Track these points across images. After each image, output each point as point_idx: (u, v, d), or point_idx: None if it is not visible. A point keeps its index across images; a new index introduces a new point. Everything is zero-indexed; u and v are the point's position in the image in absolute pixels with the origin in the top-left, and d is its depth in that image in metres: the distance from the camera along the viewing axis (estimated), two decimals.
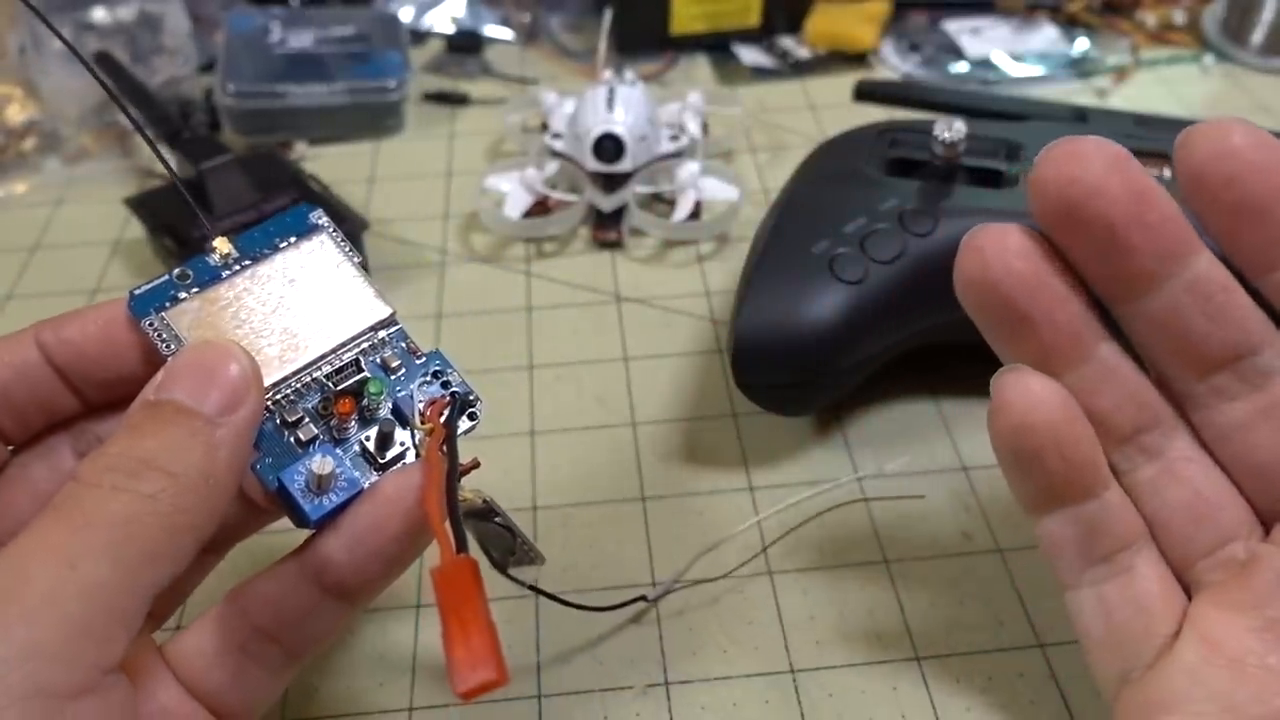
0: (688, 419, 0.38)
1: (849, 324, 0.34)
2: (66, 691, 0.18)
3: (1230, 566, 0.23)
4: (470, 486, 0.25)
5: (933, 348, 0.38)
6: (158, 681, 0.23)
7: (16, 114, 0.55)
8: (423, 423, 0.24)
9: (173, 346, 0.24)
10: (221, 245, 0.26)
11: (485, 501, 0.26)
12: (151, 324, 0.24)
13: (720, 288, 0.44)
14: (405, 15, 0.63)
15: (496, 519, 0.27)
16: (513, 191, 0.47)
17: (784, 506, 0.34)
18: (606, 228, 0.47)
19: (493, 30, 0.64)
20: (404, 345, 0.26)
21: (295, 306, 0.25)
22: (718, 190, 0.48)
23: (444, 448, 0.23)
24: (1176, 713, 0.22)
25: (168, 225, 0.44)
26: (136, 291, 0.25)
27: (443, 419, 0.24)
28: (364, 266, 0.26)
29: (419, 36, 0.63)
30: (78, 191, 0.52)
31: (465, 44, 0.62)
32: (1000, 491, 0.35)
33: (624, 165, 0.47)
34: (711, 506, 0.35)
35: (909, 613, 0.32)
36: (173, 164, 0.50)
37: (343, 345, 0.25)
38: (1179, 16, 0.63)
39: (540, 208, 0.48)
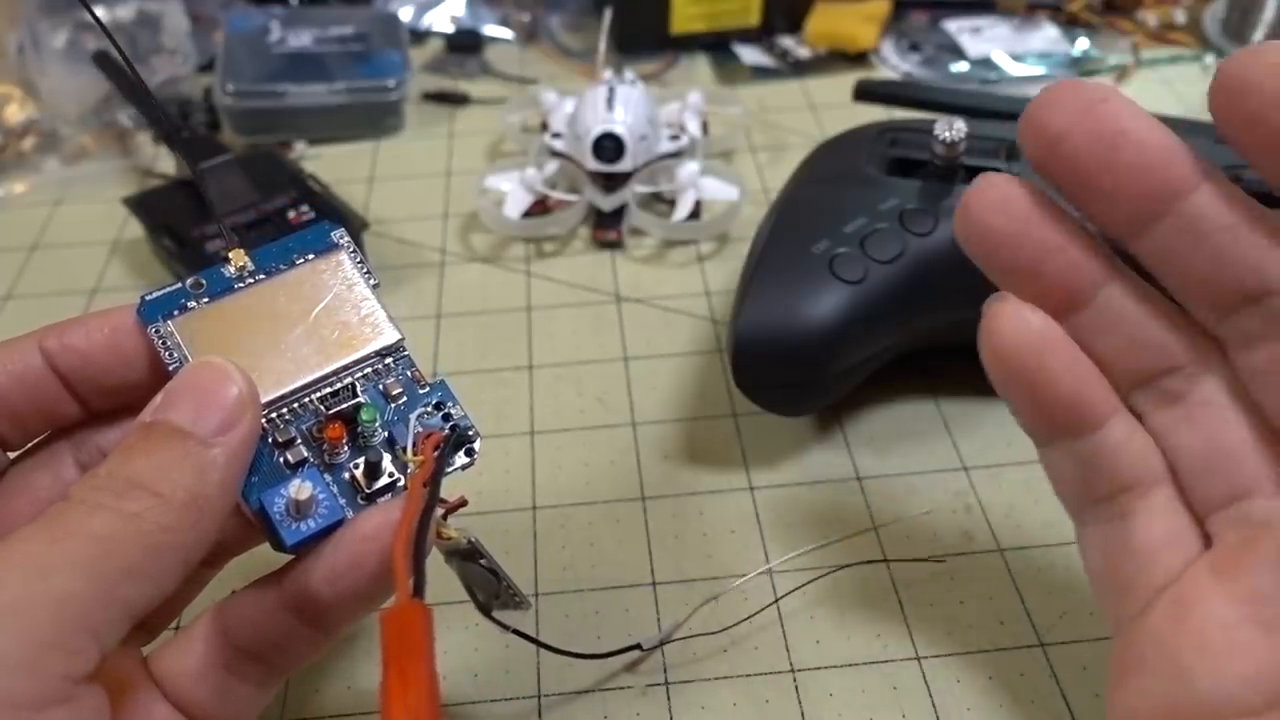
0: (688, 419, 0.38)
1: (849, 324, 0.34)
2: (30, 702, 0.18)
3: (1244, 525, 0.22)
4: (456, 525, 0.25)
5: (933, 348, 0.38)
6: (147, 696, 0.23)
7: (15, 114, 0.55)
8: (416, 454, 0.24)
9: (175, 355, 0.24)
10: (237, 258, 0.25)
11: (470, 542, 0.25)
12: (157, 330, 0.24)
13: (720, 288, 0.44)
14: (405, 15, 0.62)
15: (481, 561, 0.26)
16: (513, 191, 0.47)
17: (800, 554, 0.34)
18: (606, 228, 0.47)
19: (493, 30, 0.64)
20: (409, 373, 0.25)
21: (303, 324, 0.25)
22: (718, 190, 0.48)
23: (428, 484, 0.23)
24: (1135, 675, 0.22)
25: (167, 225, 0.44)
26: (147, 297, 0.24)
27: (436, 453, 0.23)
28: (378, 288, 0.26)
29: (419, 36, 0.63)
30: (77, 191, 0.52)
31: (465, 44, 0.62)
32: (1000, 491, 0.35)
33: (624, 165, 0.47)
34: (711, 506, 0.35)
35: (910, 613, 0.32)
36: (173, 164, 0.50)
37: (345, 368, 0.24)
38: (1180, 16, 0.62)
39: (540, 207, 0.47)
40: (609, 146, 0.46)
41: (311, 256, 0.26)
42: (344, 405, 0.24)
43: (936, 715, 0.29)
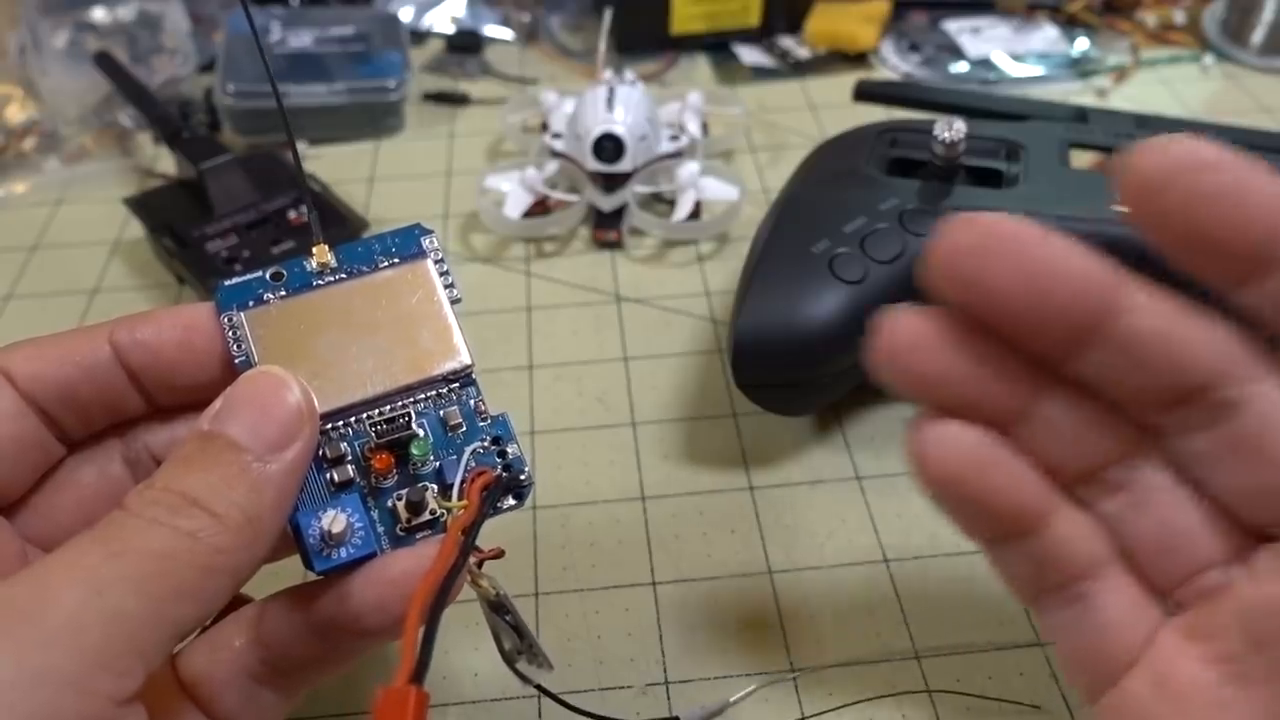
0: (688, 419, 0.38)
1: (849, 324, 0.34)
2: None
3: (1204, 594, 0.22)
4: (489, 577, 0.24)
5: None
6: (181, 710, 0.23)
7: (16, 114, 0.55)
8: (461, 499, 0.23)
9: (242, 349, 0.24)
10: (320, 254, 0.25)
11: (498, 595, 0.25)
12: (230, 319, 0.24)
13: (720, 288, 0.44)
14: (405, 15, 0.63)
15: (507, 617, 0.26)
16: (513, 191, 0.47)
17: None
18: (606, 228, 0.47)
19: (493, 30, 0.64)
20: (473, 403, 0.24)
21: (376, 332, 0.24)
22: (718, 190, 0.48)
23: (466, 532, 0.22)
24: None
25: (167, 225, 0.44)
26: (227, 283, 0.24)
27: (482, 496, 0.23)
28: (459, 304, 0.25)
29: (419, 36, 0.63)
30: (77, 191, 0.52)
31: (465, 44, 0.62)
32: None
33: (624, 165, 0.47)
34: (711, 506, 0.35)
35: (909, 613, 0.32)
36: (173, 165, 0.50)
37: (409, 388, 0.24)
38: (1179, 16, 0.62)
39: (540, 208, 0.48)
40: (609, 147, 0.46)
41: (397, 261, 0.25)
42: (396, 436, 0.23)
43: (936, 714, 0.29)
